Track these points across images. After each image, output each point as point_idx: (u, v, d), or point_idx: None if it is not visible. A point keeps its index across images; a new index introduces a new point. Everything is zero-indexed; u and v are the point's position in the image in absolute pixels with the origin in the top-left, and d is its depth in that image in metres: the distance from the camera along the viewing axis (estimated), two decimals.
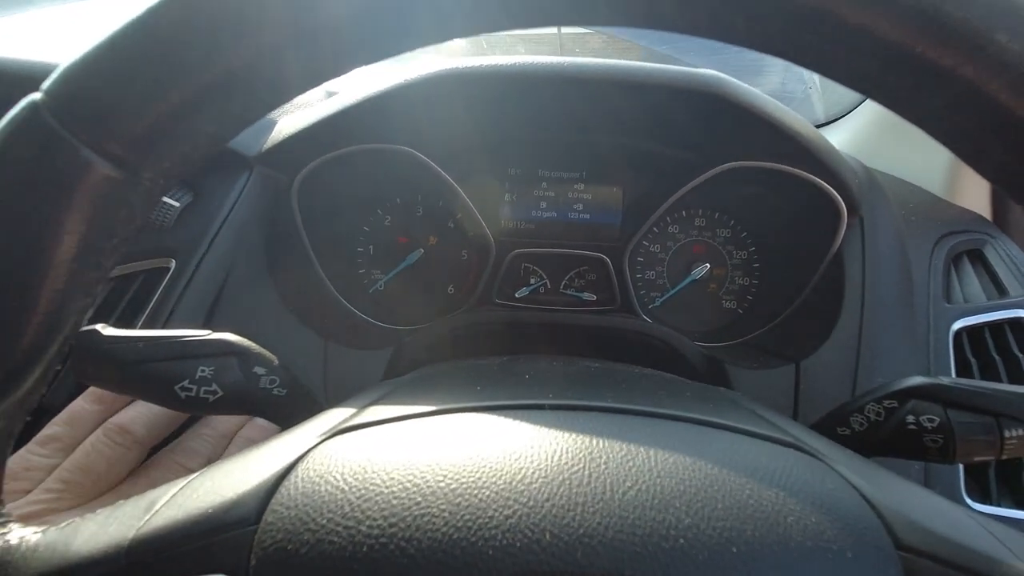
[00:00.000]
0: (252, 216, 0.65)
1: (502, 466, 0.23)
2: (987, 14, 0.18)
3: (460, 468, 0.23)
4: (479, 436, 0.25)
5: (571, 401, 0.29)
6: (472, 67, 0.62)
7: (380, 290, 0.82)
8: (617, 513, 0.21)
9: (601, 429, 0.26)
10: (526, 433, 0.25)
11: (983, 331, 0.64)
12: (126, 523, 0.23)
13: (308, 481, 0.23)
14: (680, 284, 0.81)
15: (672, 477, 0.23)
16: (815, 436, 0.32)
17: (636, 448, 0.24)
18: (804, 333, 0.68)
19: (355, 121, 0.66)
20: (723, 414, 0.30)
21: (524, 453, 0.24)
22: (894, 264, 0.67)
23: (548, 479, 0.22)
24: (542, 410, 0.28)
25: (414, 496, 0.21)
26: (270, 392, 0.45)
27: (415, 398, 0.31)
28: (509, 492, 0.21)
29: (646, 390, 0.36)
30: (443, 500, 0.21)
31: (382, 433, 0.26)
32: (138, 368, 0.41)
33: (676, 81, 0.59)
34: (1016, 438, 0.39)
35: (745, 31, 0.21)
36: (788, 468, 0.25)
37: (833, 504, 0.23)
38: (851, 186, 0.66)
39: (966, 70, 0.19)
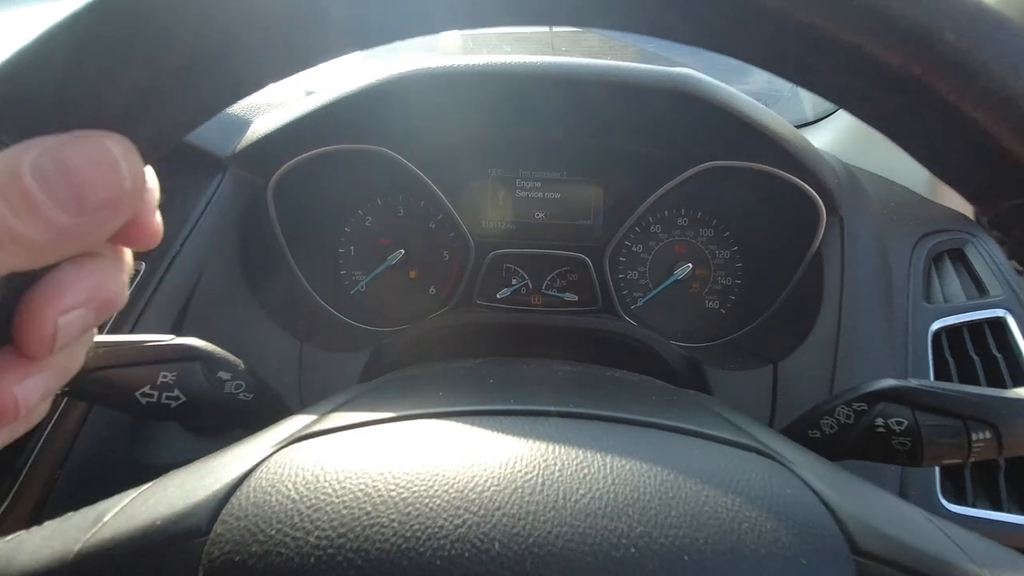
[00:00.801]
0: (226, 218, 0.64)
1: (454, 474, 0.22)
2: (933, 13, 0.18)
3: (412, 477, 0.22)
4: (434, 444, 0.25)
5: (529, 407, 0.29)
6: (449, 67, 0.62)
7: (361, 291, 0.82)
8: (568, 522, 0.20)
9: (558, 435, 0.25)
10: (480, 440, 0.25)
11: (962, 331, 0.64)
12: (72, 536, 0.22)
13: (260, 491, 0.23)
14: (662, 284, 0.80)
15: (627, 484, 0.22)
16: (780, 439, 0.31)
17: (592, 454, 0.24)
18: (783, 334, 0.68)
19: (332, 121, 0.65)
20: (687, 418, 0.30)
21: (477, 461, 0.23)
22: (874, 264, 0.67)
23: (500, 487, 0.22)
24: (499, 416, 0.28)
25: (364, 506, 0.21)
26: (235, 397, 0.45)
27: (377, 404, 0.30)
28: (460, 501, 0.21)
29: (611, 394, 0.36)
30: (393, 509, 0.21)
31: (338, 441, 0.26)
32: (97, 374, 0.41)
33: (649, 81, 0.59)
34: (983, 441, 0.39)
35: (689, 31, 0.21)
36: (747, 473, 0.24)
37: (790, 509, 0.23)
38: (830, 186, 0.65)
39: (914, 69, 0.18)
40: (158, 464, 0.55)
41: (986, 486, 0.56)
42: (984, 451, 0.39)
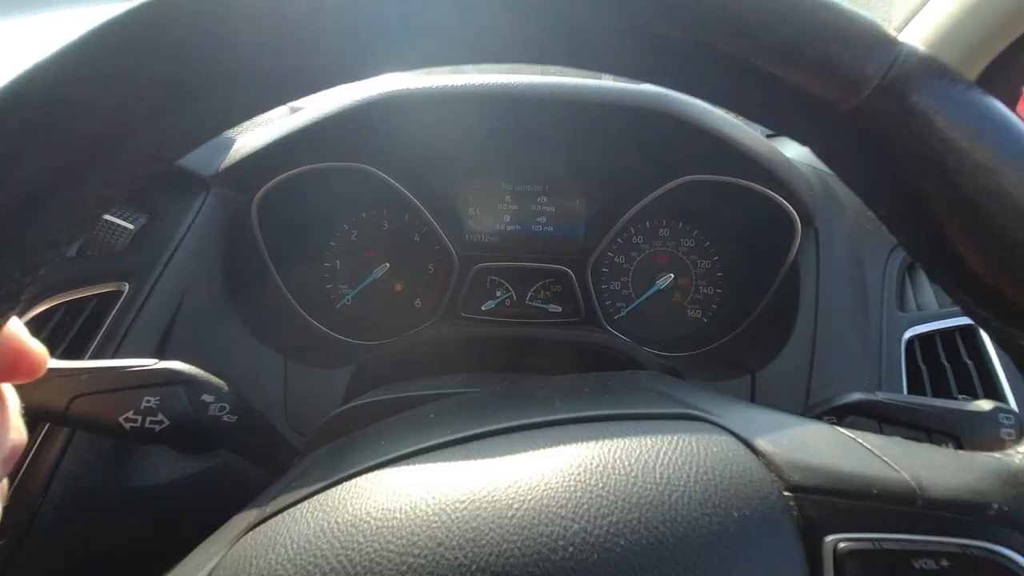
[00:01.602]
0: (209, 237, 0.65)
1: (394, 522, 0.23)
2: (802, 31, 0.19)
3: (356, 535, 0.22)
4: (371, 497, 0.25)
5: (459, 435, 0.29)
6: (432, 87, 0.63)
7: (347, 305, 0.82)
8: (507, 539, 0.21)
9: (488, 455, 0.26)
10: (414, 483, 0.25)
11: (934, 339, 0.66)
12: None
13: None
14: (645, 294, 0.81)
15: (558, 487, 0.23)
16: (710, 395, 0.32)
17: (521, 466, 0.24)
18: (761, 344, 0.69)
19: (316, 139, 0.66)
20: (617, 403, 0.30)
21: (413, 503, 0.23)
22: (849, 275, 0.68)
23: (438, 523, 0.22)
24: (432, 452, 0.28)
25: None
26: (219, 419, 0.45)
27: (318, 473, 0.30)
28: (403, 547, 0.21)
29: (542, 400, 0.35)
30: (344, 574, 0.21)
31: (285, 521, 0.26)
32: (82, 400, 0.41)
33: (621, 100, 0.60)
34: None
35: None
36: (675, 442, 0.25)
37: (719, 465, 0.23)
38: (804, 199, 0.67)
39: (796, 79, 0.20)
40: (142, 485, 0.55)
41: None
42: None
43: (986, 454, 0.24)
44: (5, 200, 0.18)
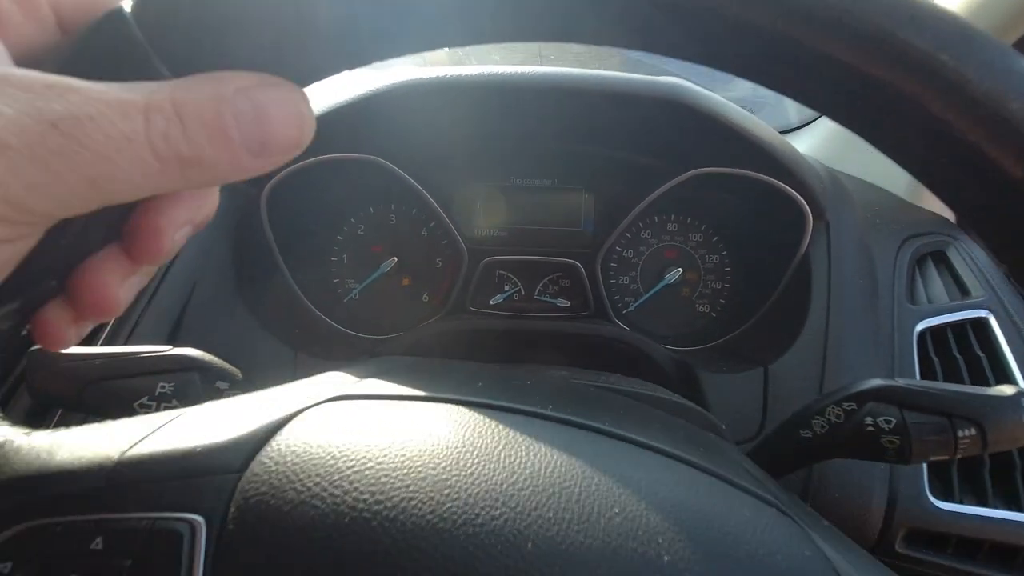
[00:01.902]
0: (219, 228, 0.65)
1: (495, 467, 0.23)
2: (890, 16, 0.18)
3: (453, 459, 0.23)
4: (477, 432, 0.25)
5: (570, 416, 0.29)
6: (441, 77, 0.63)
7: (354, 299, 0.82)
8: (600, 536, 0.21)
9: (594, 450, 0.26)
10: (523, 439, 0.25)
11: (946, 331, 0.66)
12: (113, 443, 0.23)
13: (300, 440, 0.23)
14: (653, 289, 0.81)
15: (657, 512, 0.23)
16: (794, 501, 0.32)
17: (627, 477, 0.24)
18: (773, 337, 0.69)
19: (325, 130, 0.65)
20: (713, 460, 0.30)
21: (518, 459, 0.24)
22: (859, 267, 0.68)
23: (538, 489, 0.22)
24: (541, 419, 0.28)
25: (404, 479, 0.21)
26: None
27: (417, 380, 0.31)
28: (498, 494, 0.21)
29: (642, 419, 0.36)
30: (432, 487, 0.21)
31: (381, 408, 0.26)
32: (96, 386, 0.41)
33: (638, 90, 0.60)
34: (968, 438, 0.40)
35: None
36: (767, 525, 0.25)
37: (805, 572, 0.23)
38: (816, 191, 0.67)
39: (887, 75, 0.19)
40: None
41: (972, 482, 0.58)
42: (969, 447, 0.40)
43: None
44: None
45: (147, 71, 0.19)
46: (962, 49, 0.18)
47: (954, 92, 0.18)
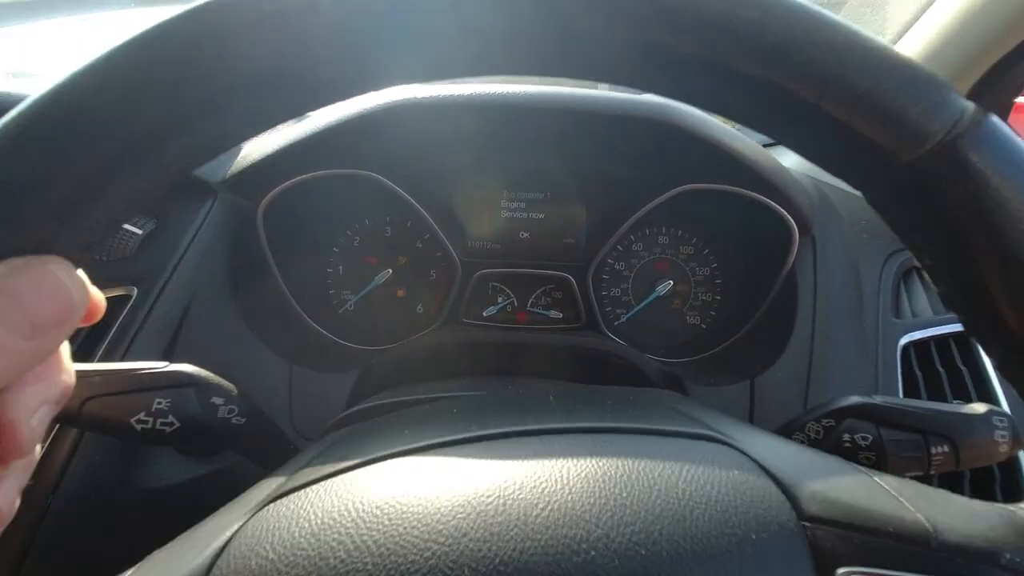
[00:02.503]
0: (216, 242, 0.66)
1: (420, 508, 0.23)
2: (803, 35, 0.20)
3: (381, 517, 0.23)
4: (399, 482, 0.26)
5: (486, 431, 0.30)
6: (436, 96, 0.64)
7: (349, 310, 0.83)
8: (531, 537, 0.22)
9: (515, 455, 0.27)
10: (442, 472, 0.26)
11: (929, 345, 0.67)
12: None
13: (239, 558, 0.23)
14: (645, 301, 0.82)
15: (583, 491, 0.24)
16: (731, 422, 0.33)
17: (547, 468, 0.25)
18: (760, 350, 0.70)
19: (320, 147, 0.67)
20: (640, 418, 0.31)
21: (440, 492, 0.24)
22: (845, 282, 0.69)
23: (464, 514, 0.23)
24: (459, 445, 0.29)
25: (339, 554, 0.22)
26: (228, 421, 0.46)
27: (343, 452, 0.31)
28: (428, 533, 0.22)
29: (565, 407, 0.37)
30: (367, 552, 0.22)
31: (310, 495, 0.26)
32: (92, 402, 0.42)
33: (625, 110, 0.61)
34: (941, 454, 0.41)
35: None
36: (697, 461, 0.26)
37: (739, 488, 0.24)
38: (802, 207, 0.68)
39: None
40: (150, 487, 0.56)
41: (952, 490, 0.59)
42: (943, 463, 0.41)
43: (1000, 505, 0.25)
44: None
45: None
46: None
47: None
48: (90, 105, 0.19)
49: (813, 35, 0.20)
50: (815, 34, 0.20)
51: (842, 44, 0.20)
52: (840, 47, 0.20)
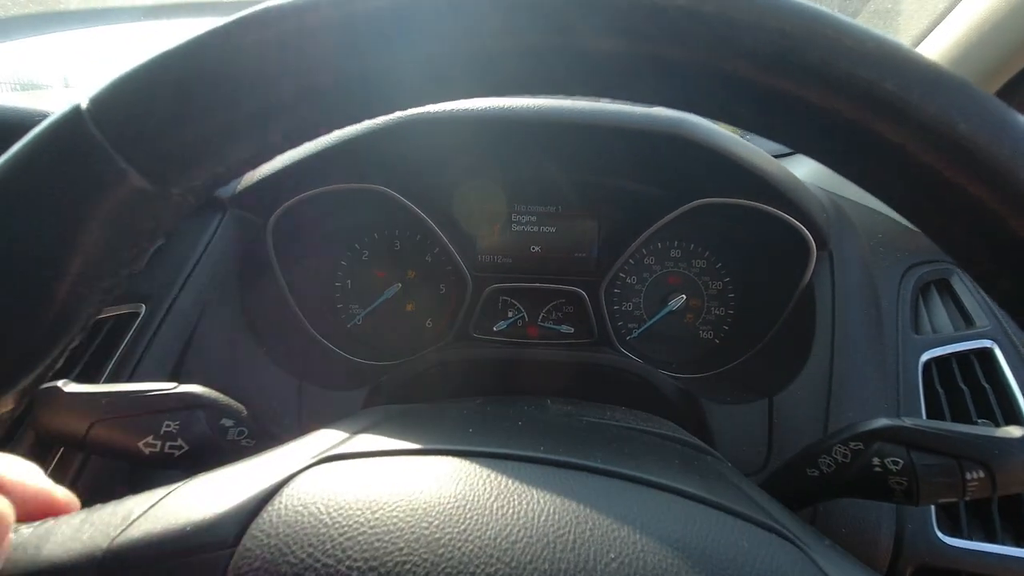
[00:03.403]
0: (225, 258, 0.65)
1: (488, 519, 0.23)
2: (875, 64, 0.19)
3: (446, 515, 0.23)
4: (468, 483, 0.25)
5: (561, 457, 0.29)
6: (447, 110, 0.63)
7: (358, 324, 0.82)
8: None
9: (589, 492, 0.26)
10: (515, 487, 0.25)
11: (951, 362, 0.65)
12: (101, 531, 0.23)
13: (291, 509, 0.23)
14: (657, 315, 0.81)
15: (655, 553, 0.23)
16: (795, 521, 0.32)
17: (621, 517, 0.24)
18: (777, 366, 0.69)
19: (330, 161, 0.66)
20: (710, 487, 0.30)
21: (511, 508, 0.23)
22: (863, 297, 0.68)
23: (533, 540, 0.22)
24: (533, 463, 0.28)
25: (397, 541, 0.21)
26: (238, 444, 0.45)
27: (407, 432, 0.31)
28: (493, 549, 0.21)
29: (635, 452, 0.36)
30: (426, 548, 0.21)
31: (371, 466, 0.26)
32: (99, 426, 0.41)
33: (639, 124, 0.60)
34: (977, 480, 0.40)
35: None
36: (767, 554, 0.25)
37: None
38: (818, 221, 0.67)
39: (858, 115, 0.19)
40: None
41: (980, 518, 0.57)
42: (978, 490, 0.40)
43: None
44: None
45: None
46: (904, 76, 0.19)
47: (901, 116, 0.19)
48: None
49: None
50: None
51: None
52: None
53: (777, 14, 0.19)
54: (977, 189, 0.19)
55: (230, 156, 0.22)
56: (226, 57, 0.20)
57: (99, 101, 0.21)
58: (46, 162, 0.21)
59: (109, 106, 0.21)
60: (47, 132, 0.21)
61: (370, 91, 0.22)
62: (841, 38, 0.19)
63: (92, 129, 0.20)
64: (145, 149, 0.21)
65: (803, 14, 0.19)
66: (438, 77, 0.22)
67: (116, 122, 0.21)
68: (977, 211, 0.19)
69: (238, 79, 0.20)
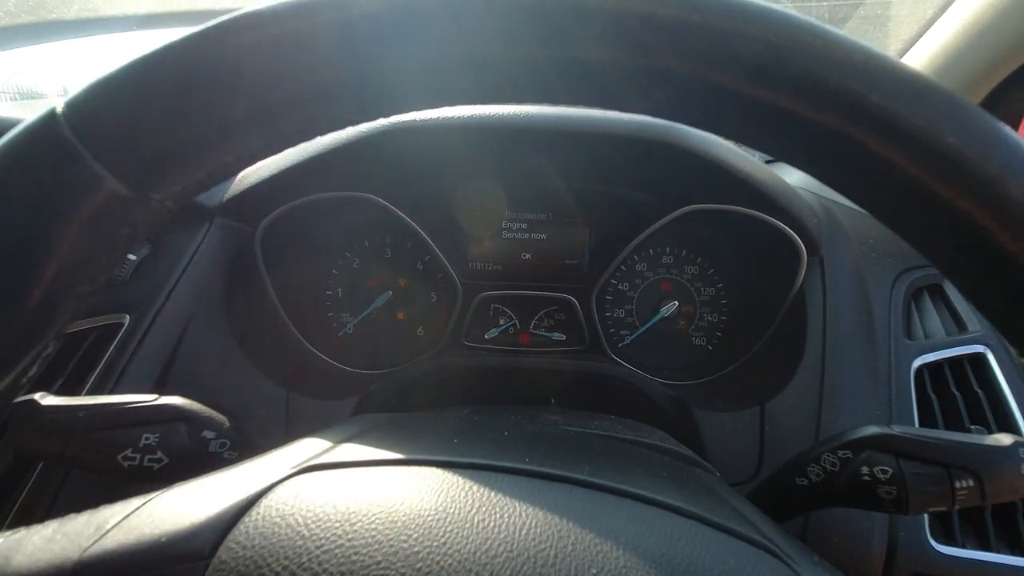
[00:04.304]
0: (212, 267, 0.64)
1: (468, 533, 0.22)
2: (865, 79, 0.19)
3: (425, 528, 0.22)
4: (449, 495, 0.25)
5: (546, 469, 0.28)
6: (434, 117, 0.63)
7: (349, 333, 0.81)
8: None
9: (573, 505, 0.25)
10: (497, 499, 0.25)
11: (943, 368, 0.65)
12: (73, 542, 0.22)
13: (269, 520, 0.22)
14: (649, 322, 0.81)
15: (638, 569, 0.22)
16: (784, 536, 0.31)
17: (605, 531, 0.24)
18: (769, 374, 0.69)
19: (319, 169, 0.66)
20: (697, 501, 0.29)
21: (492, 522, 0.23)
22: (855, 303, 0.68)
23: (513, 555, 0.21)
24: (516, 475, 0.27)
25: (375, 554, 0.21)
26: (220, 456, 0.44)
27: (391, 442, 0.30)
28: (472, 564, 0.21)
29: (622, 464, 0.35)
30: (404, 562, 0.21)
31: (352, 477, 0.26)
32: (78, 439, 0.40)
33: (630, 131, 0.60)
34: (966, 489, 0.39)
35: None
36: (754, 570, 0.24)
37: None
38: (809, 227, 0.67)
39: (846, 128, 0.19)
40: None
41: (974, 525, 0.57)
42: (968, 498, 0.39)
43: None
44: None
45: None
46: (886, 86, 0.18)
47: (888, 129, 0.18)
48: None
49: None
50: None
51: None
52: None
53: (763, 24, 0.19)
54: (965, 203, 0.18)
55: (210, 161, 0.22)
56: (206, 62, 0.20)
57: (75, 105, 0.20)
58: (21, 167, 0.20)
59: (85, 110, 0.20)
60: (21, 136, 0.21)
61: (351, 99, 0.22)
62: (828, 49, 0.19)
63: (67, 133, 0.20)
64: (122, 154, 0.21)
65: (789, 24, 0.19)
66: (425, 86, 0.22)
67: (92, 126, 0.20)
68: (965, 226, 0.19)
69: (217, 84, 0.20)
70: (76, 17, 1.24)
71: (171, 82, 0.20)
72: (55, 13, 1.21)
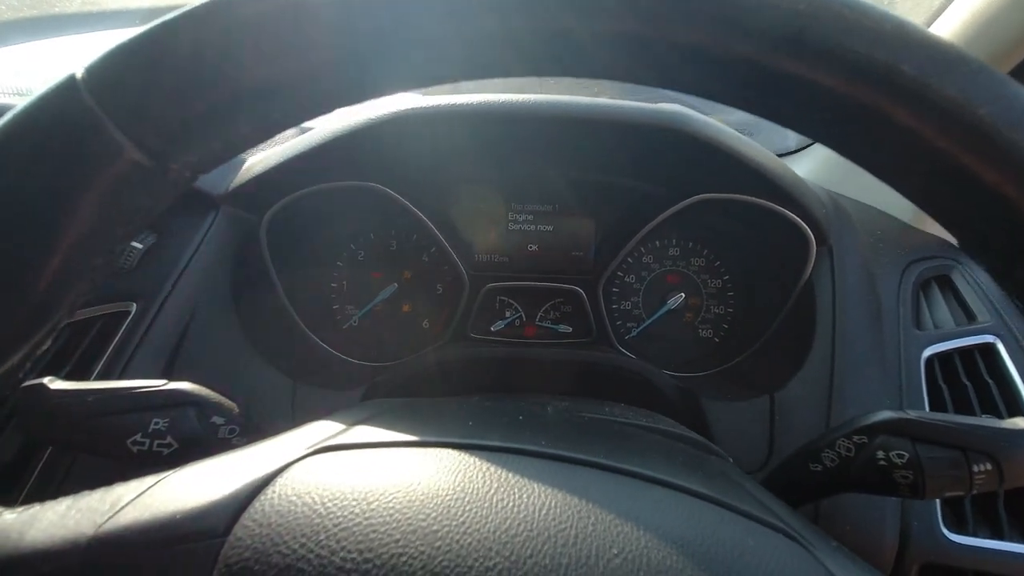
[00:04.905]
0: (218, 256, 0.64)
1: (487, 513, 0.22)
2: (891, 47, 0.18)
3: (444, 508, 0.22)
4: (467, 476, 0.24)
5: (563, 452, 0.28)
6: (442, 105, 0.63)
7: (354, 325, 0.81)
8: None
9: (591, 487, 0.25)
10: (515, 480, 0.25)
11: (953, 357, 0.65)
12: (88, 517, 0.22)
13: (285, 499, 0.22)
14: (656, 314, 0.80)
15: (659, 550, 0.22)
16: (800, 521, 0.31)
17: (625, 513, 0.24)
18: (778, 363, 0.68)
19: (326, 158, 0.65)
20: (714, 485, 0.29)
21: (511, 502, 0.23)
22: (864, 293, 0.67)
23: (533, 534, 0.21)
24: (533, 457, 0.27)
25: (393, 533, 0.21)
26: (229, 442, 0.44)
27: (405, 424, 0.30)
28: (492, 543, 0.21)
29: (638, 448, 0.35)
30: (422, 541, 0.20)
31: (368, 457, 0.26)
32: (88, 424, 0.40)
33: (640, 118, 0.60)
34: (984, 472, 0.39)
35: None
36: (773, 553, 0.24)
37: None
38: (818, 217, 0.66)
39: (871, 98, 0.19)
40: None
41: (986, 514, 0.56)
42: (985, 482, 0.39)
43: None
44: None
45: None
46: (928, 62, 0.18)
47: (918, 100, 0.18)
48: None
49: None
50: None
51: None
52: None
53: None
54: (994, 176, 0.18)
55: (230, 131, 0.22)
56: (228, 28, 0.20)
57: (95, 71, 0.20)
58: (39, 133, 0.20)
59: (106, 76, 0.20)
60: (40, 102, 0.20)
61: (367, 71, 0.21)
62: (858, 18, 0.18)
63: (87, 99, 0.20)
64: (142, 122, 0.20)
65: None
66: (431, 58, 0.22)
67: (112, 93, 0.20)
68: (995, 198, 0.19)
69: (240, 52, 0.20)
70: (78, 11, 1.24)
71: (193, 50, 0.20)
72: (57, 7, 1.21)
